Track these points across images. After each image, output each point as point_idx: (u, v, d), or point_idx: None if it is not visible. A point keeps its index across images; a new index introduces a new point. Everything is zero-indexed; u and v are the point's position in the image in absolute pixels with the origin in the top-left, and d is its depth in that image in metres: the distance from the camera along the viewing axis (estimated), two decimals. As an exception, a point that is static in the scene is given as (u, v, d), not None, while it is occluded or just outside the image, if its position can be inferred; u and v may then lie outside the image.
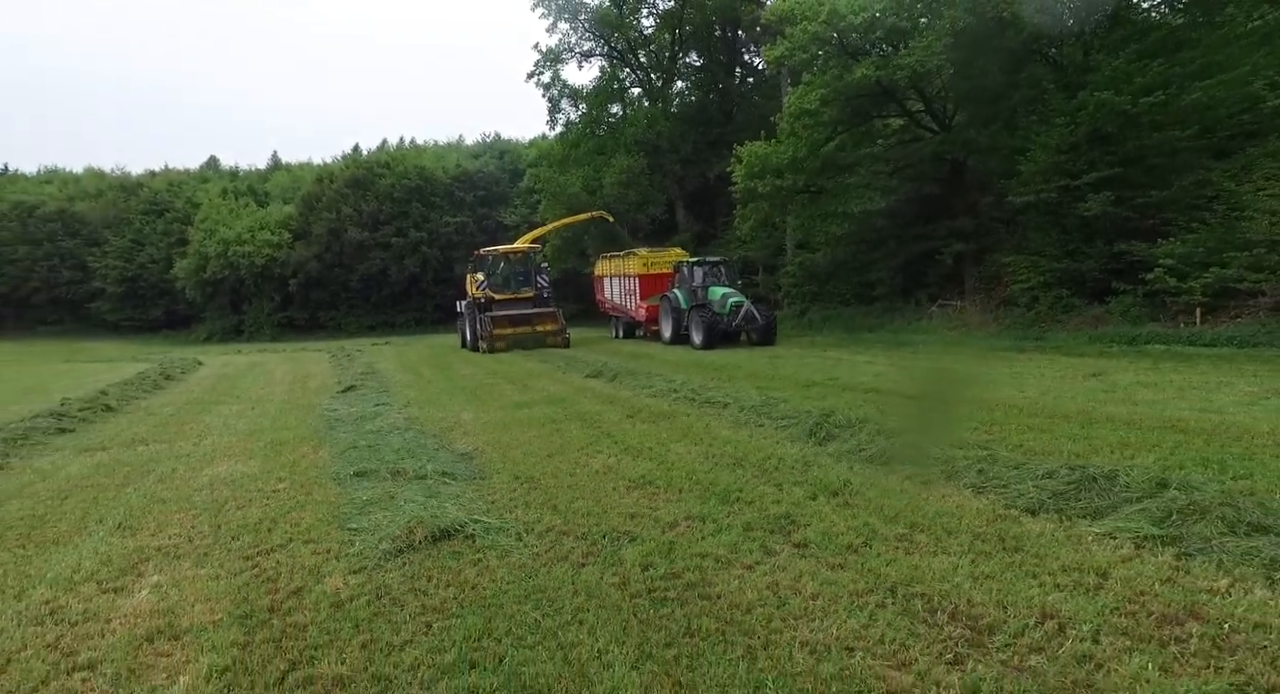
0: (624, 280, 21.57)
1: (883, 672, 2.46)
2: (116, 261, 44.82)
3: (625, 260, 21.54)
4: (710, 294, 17.14)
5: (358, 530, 4.29)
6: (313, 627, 3.06)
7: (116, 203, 47.55)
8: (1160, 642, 2.57)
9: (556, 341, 18.95)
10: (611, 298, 22.72)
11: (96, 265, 44.87)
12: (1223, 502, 3.49)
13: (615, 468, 5.62)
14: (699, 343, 16.49)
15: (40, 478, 6.41)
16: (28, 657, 2.93)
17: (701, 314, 16.46)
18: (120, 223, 46.27)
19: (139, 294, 45.20)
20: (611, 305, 22.86)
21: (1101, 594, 2.95)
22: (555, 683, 2.49)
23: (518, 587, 3.35)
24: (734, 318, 16.31)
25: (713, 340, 16.19)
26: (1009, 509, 4.03)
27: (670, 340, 18.05)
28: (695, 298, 17.32)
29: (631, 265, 20.99)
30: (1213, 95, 13.44)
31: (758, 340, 16.62)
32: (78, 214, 47.06)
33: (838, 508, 4.30)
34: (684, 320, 17.41)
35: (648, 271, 20.52)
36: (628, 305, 21.47)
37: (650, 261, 20.68)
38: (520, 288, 20.26)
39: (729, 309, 16.40)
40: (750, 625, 2.84)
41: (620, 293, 21.95)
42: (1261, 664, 2.39)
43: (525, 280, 20.47)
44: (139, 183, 50.47)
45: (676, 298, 17.98)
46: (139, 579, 3.77)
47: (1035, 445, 5.43)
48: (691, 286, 17.61)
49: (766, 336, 16.52)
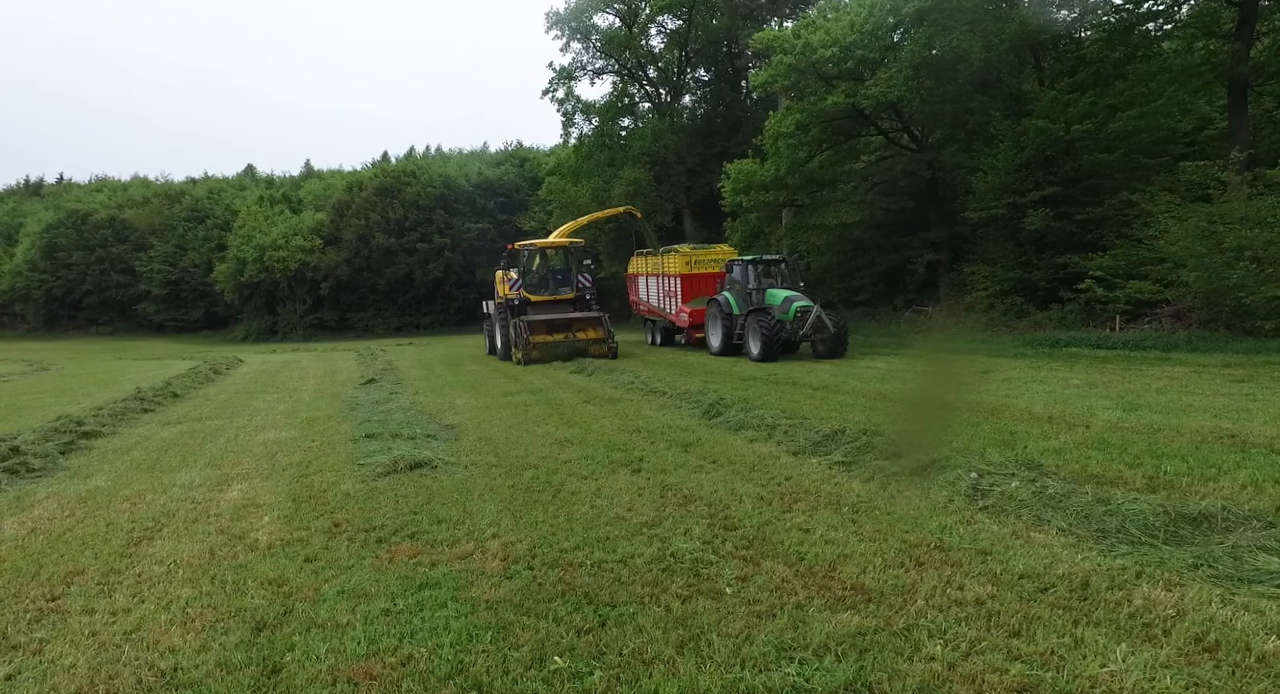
0: (663, 280, 19.84)
1: (626, 515, 4.81)
2: (161, 266, 48.91)
3: (665, 258, 19.84)
4: (769, 298, 15.39)
5: (363, 464, 6.76)
6: (333, 503, 5.50)
7: (161, 211, 51.74)
8: (789, 499, 4.84)
9: (601, 352, 16.69)
10: (647, 299, 21.11)
11: (143, 269, 49.04)
12: (886, 442, 5.76)
13: (551, 433, 8.02)
14: (756, 354, 14.72)
15: (144, 439, 9.06)
16: (182, 512, 5.45)
17: (761, 320, 14.66)
18: (165, 229, 50.39)
19: (181, 296, 49.22)
20: (647, 308, 21.27)
21: (772, 483, 5.26)
22: (455, 519, 4.88)
23: (453, 487, 5.76)
24: (800, 325, 14.53)
25: (774, 351, 14.47)
26: (786, 452, 6.30)
27: (719, 351, 16.34)
28: (750, 302, 15.63)
29: (672, 264, 19.35)
30: (1134, 125, 15.33)
31: (824, 352, 14.85)
32: (126, 221, 51.37)
33: (677, 453, 6.63)
34: (736, 328, 15.78)
35: (691, 271, 18.90)
36: (667, 308, 19.82)
37: (695, 260, 19.09)
38: (559, 288, 18.42)
39: (793, 315, 14.65)
40: (570, 500, 5.20)
41: (658, 294, 20.23)
42: (829, 508, 4.64)
43: (565, 280, 18.62)
44: (182, 191, 54.74)
45: (727, 302, 16.20)
46: (229, 487, 6.27)
47: (846, 416, 7.66)
48: (746, 289, 15.90)
49: (836, 348, 14.73)
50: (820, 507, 4.72)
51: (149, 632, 3.32)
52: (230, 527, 5.01)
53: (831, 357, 14.66)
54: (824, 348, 14.89)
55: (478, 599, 3.47)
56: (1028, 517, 4.16)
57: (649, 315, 21.40)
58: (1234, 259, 12.18)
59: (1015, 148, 16.75)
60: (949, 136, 19.70)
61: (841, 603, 3.21)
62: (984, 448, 5.89)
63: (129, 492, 6.19)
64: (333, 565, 4.09)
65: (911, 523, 4.24)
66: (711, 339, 16.93)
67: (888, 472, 5.32)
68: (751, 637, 2.93)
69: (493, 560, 4.02)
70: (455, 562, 4.04)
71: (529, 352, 16.32)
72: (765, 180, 20.90)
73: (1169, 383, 9.27)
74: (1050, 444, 6.01)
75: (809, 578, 3.52)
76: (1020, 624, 2.90)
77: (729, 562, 3.82)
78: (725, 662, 2.74)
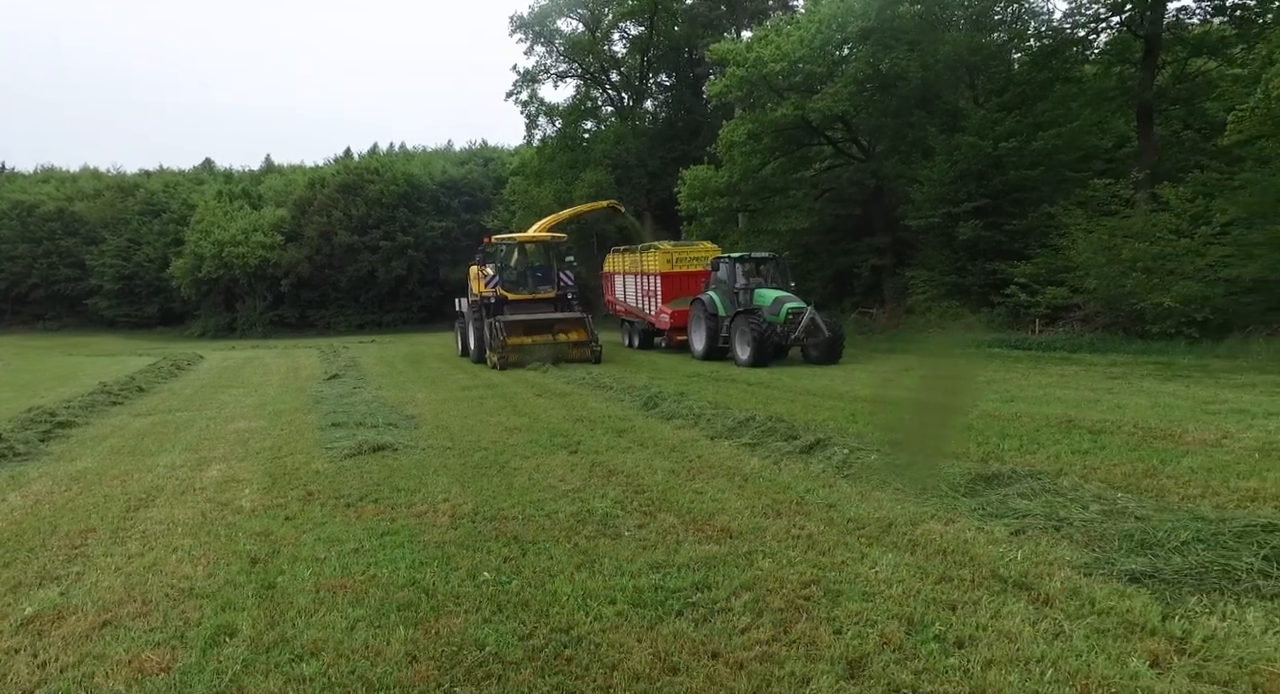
0: (642, 279, 19.07)
1: (558, 484, 5.81)
2: (114, 260, 48.32)
3: (644, 256, 19.04)
4: (758, 298, 14.73)
5: (330, 448, 7.64)
6: (306, 478, 6.40)
7: (114, 203, 51.06)
8: (694, 472, 5.88)
9: (584, 355, 15.77)
10: (625, 299, 20.43)
11: (94, 264, 48.39)
12: (788, 428, 6.87)
13: (503, 422, 8.99)
14: (744, 359, 14.04)
15: (118, 429, 9.78)
16: (170, 487, 6.29)
17: (750, 323, 13.99)
18: (117, 223, 49.75)
19: (135, 291, 48.71)
20: (624, 308, 20.57)
21: (685, 460, 6.32)
22: (413, 488, 5.83)
23: (411, 466, 6.70)
24: (791, 328, 13.87)
25: (764, 356, 13.83)
26: (705, 437, 7.37)
27: (703, 355, 15.61)
28: (737, 303, 14.93)
29: (652, 262, 18.52)
30: (1053, 143, 16.82)
31: (818, 357, 14.19)
32: (76, 214, 50.60)
33: (612, 437, 7.65)
34: (721, 331, 15.08)
35: (672, 269, 18.14)
36: (645, 309, 19.12)
37: (676, 257, 18.36)
38: (539, 287, 17.51)
39: (784, 317, 13.97)
40: (512, 474, 6.18)
41: (637, 294, 19.49)
42: (719, 474, 5.70)
43: (545, 278, 17.69)
44: (135, 183, 54.03)
45: (712, 302, 15.43)
46: (209, 467, 7.11)
47: (757, 406, 8.77)
48: (733, 289, 15.15)
49: (831, 353, 14.07)
50: (718, 477, 5.79)
51: (163, 566, 4.23)
52: (216, 497, 5.90)
53: (825, 362, 13.94)
54: (817, 353, 14.17)
55: (428, 541, 4.44)
56: (875, 481, 5.27)
57: (626, 316, 20.63)
58: (1128, 269, 13.63)
59: (949, 161, 18.13)
60: (892, 148, 21.06)
61: (708, 539, 4.26)
62: (867, 430, 7.03)
63: (116, 472, 7.00)
64: (309, 522, 5.02)
65: (784, 487, 5.33)
66: (695, 342, 16.24)
67: (782, 451, 6.41)
68: (634, 559, 3.96)
69: (442, 517, 5.00)
70: (411, 518, 5.00)
71: (505, 354, 15.25)
72: (720, 186, 22.05)
73: (1056, 379, 10.58)
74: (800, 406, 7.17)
75: (691, 525, 4.57)
76: (829, 548, 3.98)
77: (632, 515, 4.85)
78: (610, 574, 3.76)
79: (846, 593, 3.35)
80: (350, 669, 2.85)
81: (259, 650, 3.04)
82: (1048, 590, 3.23)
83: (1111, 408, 7.75)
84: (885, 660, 2.73)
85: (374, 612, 3.39)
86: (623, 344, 20.75)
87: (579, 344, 16.01)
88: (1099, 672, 2.55)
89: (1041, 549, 3.74)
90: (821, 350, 14.16)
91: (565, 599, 3.44)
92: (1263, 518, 3.47)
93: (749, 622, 3.11)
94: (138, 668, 2.93)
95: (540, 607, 3.37)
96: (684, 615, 3.22)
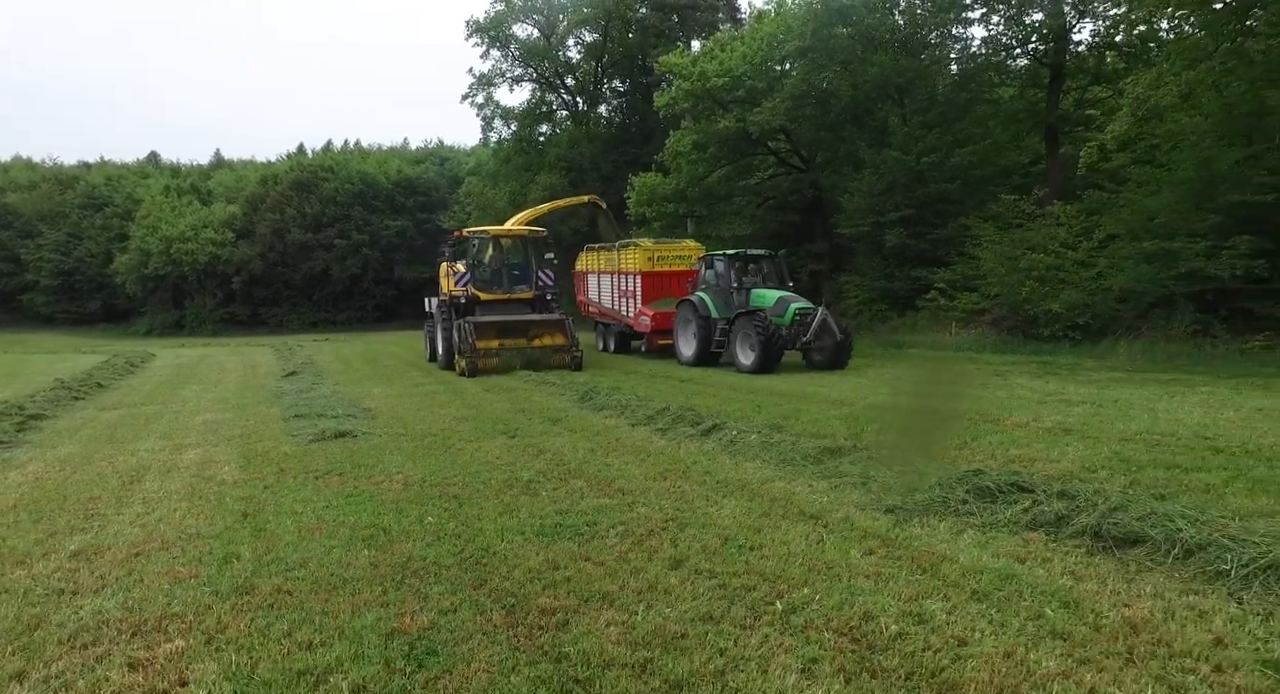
0: (619, 279, 18.46)
1: (494, 461, 7.08)
2: (52, 255, 47.70)
3: (622, 254, 18.39)
4: (756, 299, 14.12)
5: (295, 435, 8.77)
6: (277, 458, 7.54)
7: (51, 196, 50.30)
8: (609, 450, 7.20)
9: (564, 362, 14.80)
10: (598, 300, 19.80)
11: (30, 258, 47.71)
12: (695, 416, 8.26)
13: (452, 413, 10.20)
14: (747, 365, 13.32)
15: (89, 421, 10.70)
16: (155, 466, 7.38)
17: (756, 324, 13.22)
18: (56, 216, 49.06)
19: (75, 287, 48.15)
20: (599, 310, 19.89)
21: (605, 442, 7.66)
22: (371, 464, 7.04)
23: (369, 448, 7.89)
24: (800, 330, 13.26)
25: (772, 360, 13.08)
26: (627, 424, 8.70)
27: (693, 360, 14.90)
28: (732, 304, 14.38)
29: (631, 260, 17.90)
30: (968, 159, 18.64)
31: (823, 362, 13.60)
32: (9, 206, 49.73)
33: (547, 425, 8.94)
34: (715, 334, 14.41)
35: (654, 268, 17.54)
36: (623, 311, 18.48)
37: (657, 255, 17.74)
38: (515, 286, 16.43)
39: (791, 318, 13.36)
40: (457, 453, 7.43)
41: (613, 295, 18.82)
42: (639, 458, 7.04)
43: (523, 276, 16.61)
44: (75, 176, 53.25)
45: (704, 304, 14.72)
46: (186, 451, 8.19)
47: (674, 398, 10.16)
48: (728, 289, 14.56)
49: (839, 357, 13.50)
50: (627, 453, 7.13)
51: (170, 520, 5.38)
52: (199, 473, 7.02)
53: (832, 367, 13.40)
54: (823, 357, 13.56)
55: (385, 500, 5.68)
56: (750, 454, 6.67)
57: (600, 318, 20.01)
58: (1024, 278, 15.44)
59: (876, 174, 19.85)
60: (828, 160, 22.77)
61: (605, 495, 5.59)
62: (760, 416, 8.46)
63: (101, 455, 8.03)
64: (285, 490, 6.20)
65: (677, 460, 6.69)
66: (683, 347, 15.40)
67: (686, 434, 7.79)
68: (545, 508, 5.27)
69: (396, 484, 6.23)
70: (370, 486, 6.23)
71: (475, 360, 14.31)
72: (667, 193, 23.50)
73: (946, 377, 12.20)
74: (811, 415, 8.63)
75: (595, 486, 5.89)
76: (694, 499, 5.35)
77: (551, 481, 6.16)
78: (524, 517, 5.06)
79: (691, 524, 4.71)
80: (330, 573, 4.10)
81: (261, 565, 4.27)
82: (829, 519, 4.64)
83: (971, 399, 9.32)
84: (698, 559, 4.09)
85: (344, 542, 4.64)
86: (596, 348, 19.89)
87: (558, 349, 15.00)
88: (828, 557, 3.95)
89: (842, 496, 5.17)
90: (828, 355, 13.51)
91: (488, 532, 4.73)
92: (975, 466, 4.95)
93: (615, 542, 4.45)
94: (173, 576, 4.13)
95: (469, 536, 4.66)
96: (571, 539, 4.54)
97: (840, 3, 19.31)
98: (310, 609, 3.58)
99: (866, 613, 3.25)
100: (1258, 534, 3.57)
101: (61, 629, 3.46)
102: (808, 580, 3.66)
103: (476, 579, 3.92)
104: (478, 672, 2.91)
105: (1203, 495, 4.72)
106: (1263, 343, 11.83)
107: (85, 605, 3.74)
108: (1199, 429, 6.83)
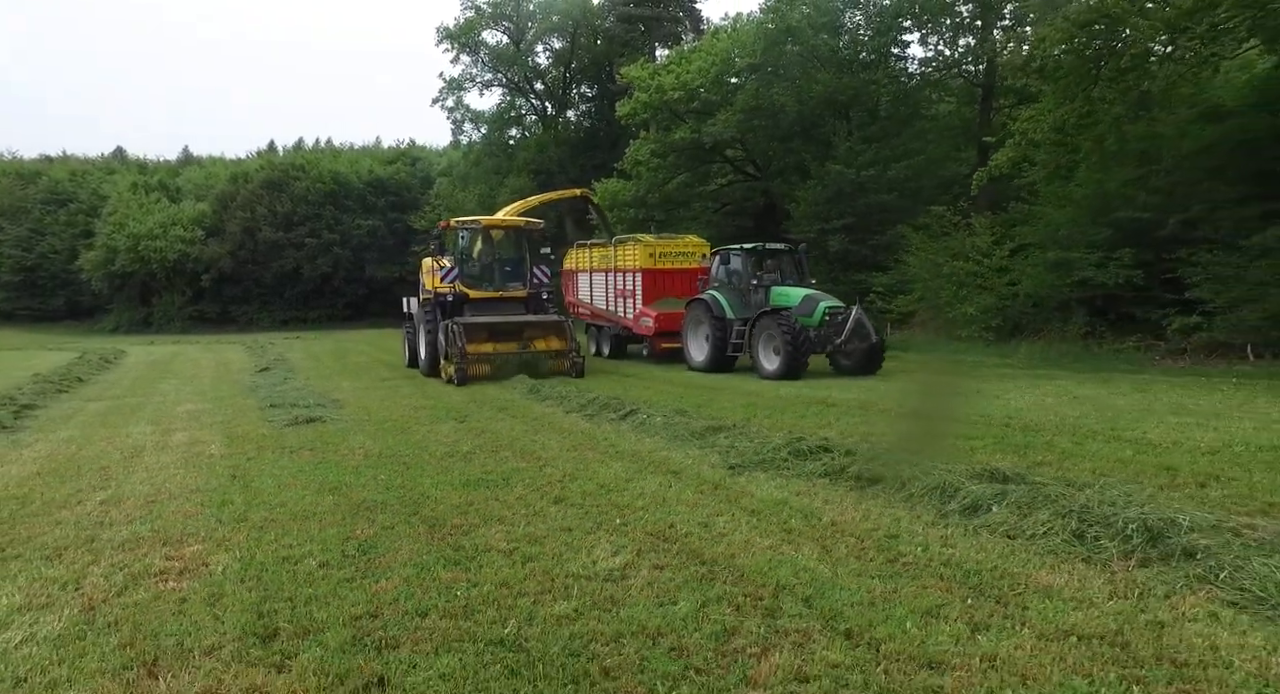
0: (615, 277, 17.48)
1: (443, 440, 8.62)
2: (13, 250, 48.27)
3: (619, 250, 17.44)
4: (778, 297, 13.35)
5: (271, 421, 10.23)
6: (256, 439, 9.01)
7: (12, 191, 50.82)
8: (541, 430, 8.75)
9: (563, 367, 13.93)
10: (590, 301, 18.86)
11: (-8, 254, 48.24)
12: (619, 404, 9.86)
13: (412, 404, 11.70)
14: (771, 370, 12.62)
15: (78, 410, 12.07)
16: (150, 445, 8.83)
17: (780, 325, 12.47)
18: (17, 211, 49.57)
19: (38, 284, 48.77)
20: (590, 311, 18.97)
21: (540, 425, 9.23)
22: (338, 443, 8.55)
23: (336, 431, 9.38)
24: (832, 331, 12.46)
25: (799, 364, 12.38)
26: (563, 411, 10.26)
27: (706, 365, 14.13)
28: (750, 303, 13.65)
29: (630, 256, 16.97)
30: (904, 172, 20.48)
31: (855, 366, 12.96)
32: (-31, 201, 50.15)
33: (495, 413, 10.49)
34: (731, 336, 13.66)
35: (655, 265, 16.54)
36: (620, 312, 17.49)
37: (659, 252, 16.75)
38: (508, 283, 15.25)
39: (820, 318, 12.58)
40: (412, 434, 8.95)
41: (609, 294, 17.85)
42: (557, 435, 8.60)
43: (516, 273, 15.41)
44: (37, 170, 53.78)
45: (717, 303, 13.93)
46: (175, 434, 9.62)
47: (621, 393, 11.72)
48: (746, 286, 13.79)
49: (871, 362, 12.89)
50: (555, 433, 8.70)
51: (173, 480, 6.86)
52: (190, 450, 8.48)
53: (865, 372, 12.76)
54: (853, 361, 12.84)
55: (347, 466, 7.21)
56: (656, 432, 8.27)
57: (593, 320, 19.00)
58: (946, 283, 17.25)
59: (821, 184, 21.63)
60: (779, 169, 24.54)
61: (525, 461, 7.16)
62: (677, 404, 10.07)
63: (99, 437, 9.45)
64: (264, 460, 7.69)
65: (599, 438, 8.27)
66: (694, 351, 14.61)
67: (607, 418, 9.37)
68: (474, 470, 6.83)
69: (357, 456, 7.75)
70: (336, 457, 7.74)
71: (464, 365, 13.21)
72: (628, 198, 25.12)
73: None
74: (730, 404, 10.26)
75: (521, 456, 7.46)
76: (590, 463, 6.93)
77: (485, 452, 7.71)
78: (455, 475, 6.61)
79: (581, 478, 6.31)
80: (302, 510, 5.62)
81: (250, 506, 5.78)
82: (689, 474, 6.26)
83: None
84: (576, 498, 5.68)
85: (313, 491, 6.16)
86: (589, 352, 18.29)
87: (556, 354, 14.07)
88: (669, 495, 5.57)
89: (709, 460, 6.79)
90: (858, 359, 12.79)
91: (426, 484, 6.29)
92: (795, 435, 6.64)
93: (523, 491, 6.02)
94: (184, 513, 5.64)
95: (410, 487, 6.21)
96: (488, 488, 6.11)
97: (789, 23, 21.06)
98: (289, 529, 5.11)
99: (672, 524, 4.86)
100: (947, 471, 5.27)
101: (111, 543, 4.96)
102: (646, 508, 5.27)
103: (411, 511, 5.48)
104: (402, 555, 4.48)
105: (957, 454, 6.39)
106: (1135, 343, 13.69)
107: (123, 530, 5.24)
108: (1014, 412, 8.56)
